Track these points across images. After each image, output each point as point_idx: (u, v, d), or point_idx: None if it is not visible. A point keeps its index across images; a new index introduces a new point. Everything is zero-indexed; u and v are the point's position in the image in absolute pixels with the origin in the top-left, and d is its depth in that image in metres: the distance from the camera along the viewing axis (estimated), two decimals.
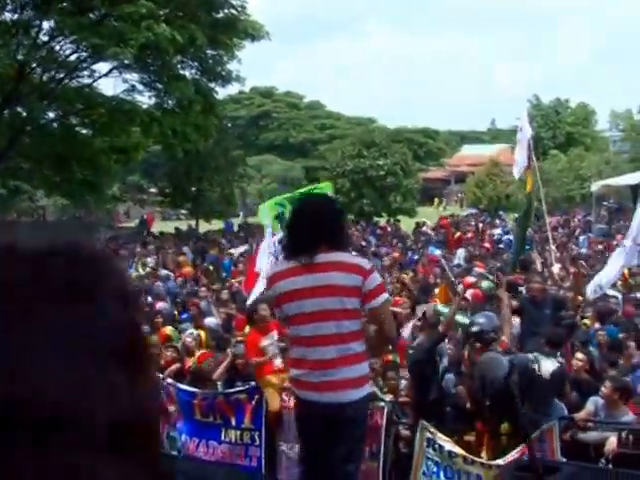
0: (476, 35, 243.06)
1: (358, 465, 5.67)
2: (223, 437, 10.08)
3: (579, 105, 69.50)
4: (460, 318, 10.87)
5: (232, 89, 38.09)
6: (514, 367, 8.16)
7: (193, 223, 38.14)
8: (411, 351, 9.10)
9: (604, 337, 11.51)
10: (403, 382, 9.87)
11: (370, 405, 9.02)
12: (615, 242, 26.92)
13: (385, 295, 5.24)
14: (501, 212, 46.04)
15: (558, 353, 9.29)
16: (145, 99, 31.39)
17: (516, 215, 43.75)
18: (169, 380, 10.49)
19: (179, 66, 31.16)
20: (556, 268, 15.39)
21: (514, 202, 48.60)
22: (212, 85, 32.27)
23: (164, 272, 20.05)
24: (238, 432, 10.00)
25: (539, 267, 15.25)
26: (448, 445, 8.33)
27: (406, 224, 39.29)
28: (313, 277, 4.79)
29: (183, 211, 52.38)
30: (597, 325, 12.74)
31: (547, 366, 8.74)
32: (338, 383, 4.92)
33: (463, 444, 8.54)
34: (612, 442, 8.26)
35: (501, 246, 28.08)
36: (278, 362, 10.13)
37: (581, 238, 30.64)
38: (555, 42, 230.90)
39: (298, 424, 5.53)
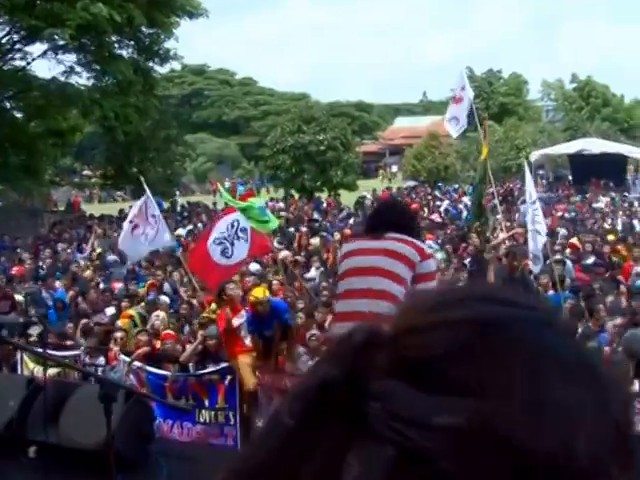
0: (404, 6, 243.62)
1: None
2: (197, 418, 10.13)
3: (511, 75, 70.10)
4: None
5: (166, 68, 37.55)
6: None
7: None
8: None
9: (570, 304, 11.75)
10: None
11: None
12: (556, 210, 27.49)
13: (434, 284, 5.30)
14: (440, 184, 46.46)
15: None
16: (83, 80, 30.92)
17: (455, 186, 44.49)
18: (137, 364, 10.50)
19: (116, 45, 30.73)
20: (503, 235, 15.58)
21: (452, 173, 49.20)
22: (150, 64, 32.01)
23: (112, 257, 19.74)
24: (212, 412, 10.10)
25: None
26: None
27: (346, 199, 39.60)
28: (376, 242, 5.14)
29: (119, 193, 51.78)
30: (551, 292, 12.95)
31: None
32: None
33: None
34: None
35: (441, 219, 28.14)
36: (247, 341, 10.22)
37: (522, 207, 30.98)
38: (485, 13, 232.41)
39: None
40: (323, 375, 0.68)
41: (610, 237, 18.72)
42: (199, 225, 26.90)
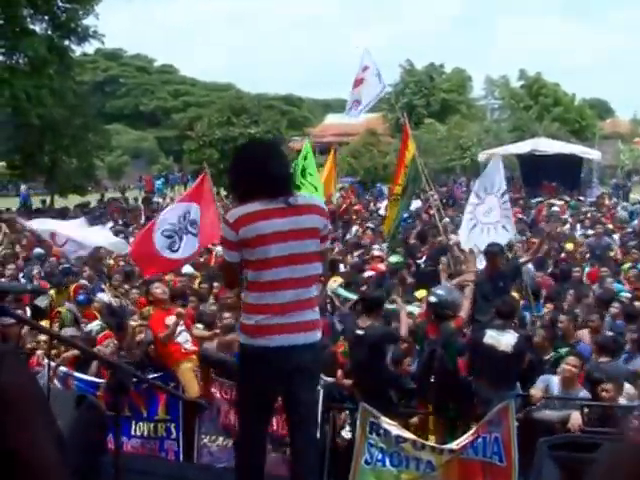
0: None
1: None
2: (133, 431, 9.69)
3: (454, 70, 69.84)
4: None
5: (86, 47, 36.57)
6: None
7: (43, 198, 36.63)
8: (360, 332, 8.85)
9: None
10: None
11: None
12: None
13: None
14: (379, 184, 46.31)
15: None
16: None
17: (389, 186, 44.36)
18: (64, 369, 10.04)
19: (28, 20, 29.76)
20: (455, 238, 15.49)
21: (391, 173, 49.16)
22: (66, 43, 31.07)
23: (38, 251, 19.10)
24: (151, 425, 9.66)
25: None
26: (395, 430, 8.19)
27: None
28: (295, 219, 4.96)
29: (24, 186, 50.43)
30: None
31: (507, 340, 8.75)
32: (305, 324, 5.07)
33: (409, 428, 8.46)
34: (576, 418, 8.34)
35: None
36: (188, 346, 9.87)
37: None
38: (422, 5, 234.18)
39: (247, 379, 5.27)
40: None
41: (568, 245, 18.80)
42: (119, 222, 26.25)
